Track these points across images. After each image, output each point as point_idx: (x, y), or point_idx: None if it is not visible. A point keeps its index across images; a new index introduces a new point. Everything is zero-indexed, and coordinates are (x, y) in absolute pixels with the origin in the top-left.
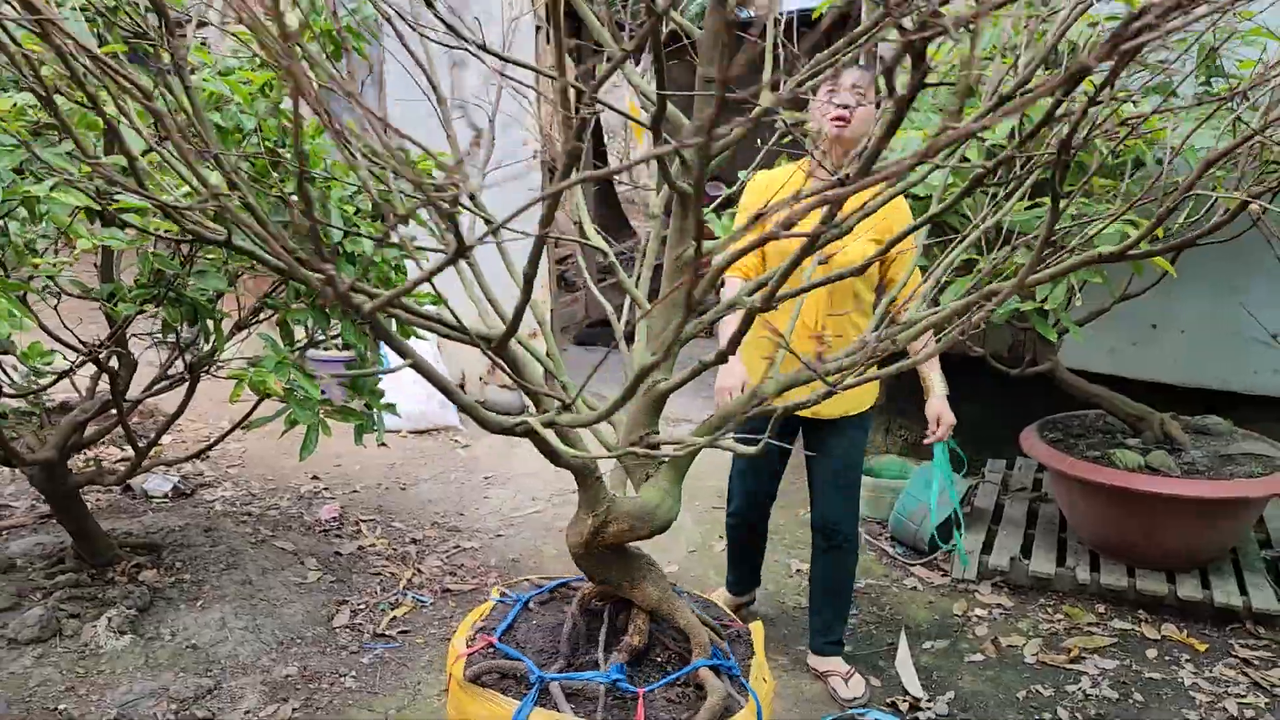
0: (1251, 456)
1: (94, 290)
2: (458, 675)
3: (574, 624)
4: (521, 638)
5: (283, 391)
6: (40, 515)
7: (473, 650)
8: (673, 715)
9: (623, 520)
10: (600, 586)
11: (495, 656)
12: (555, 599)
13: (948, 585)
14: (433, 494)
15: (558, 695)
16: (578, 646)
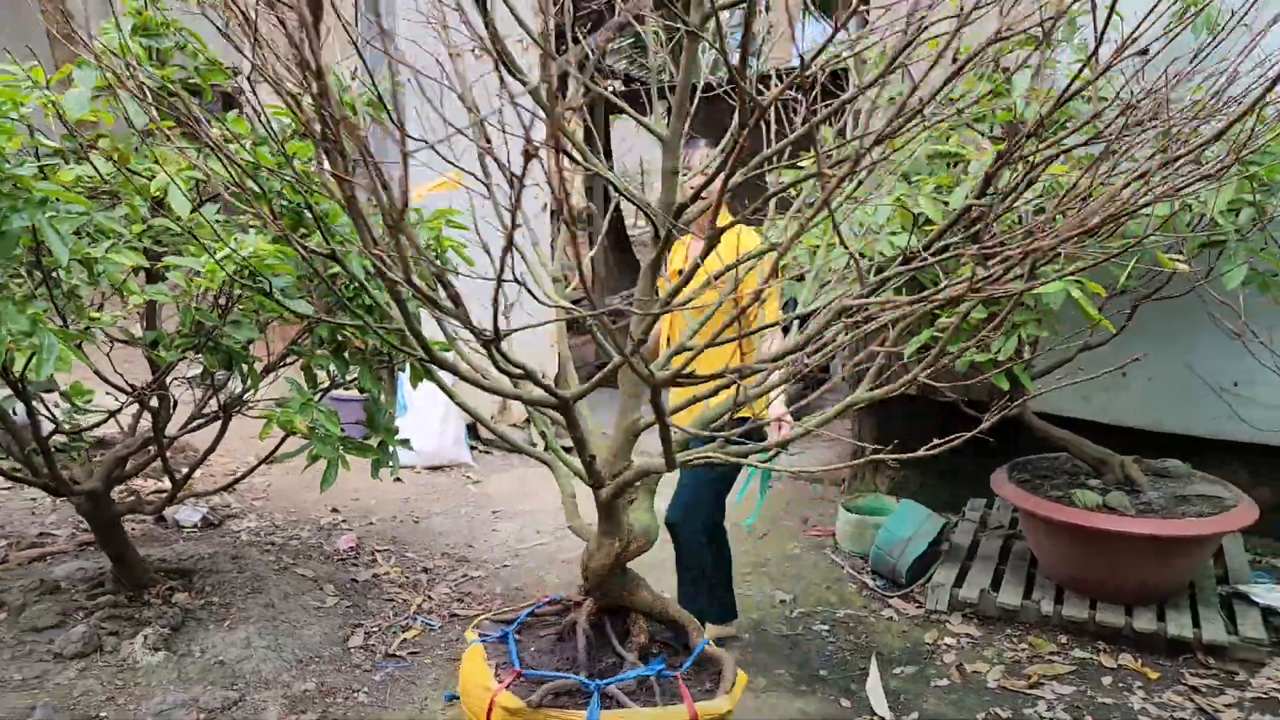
0: (1204, 498)
1: (139, 337)
2: (511, 705)
3: (587, 637)
4: (534, 661)
5: (307, 430)
6: (80, 542)
7: (506, 685)
8: (698, 686)
9: (638, 539)
10: (602, 601)
11: (526, 684)
12: (532, 624)
13: (921, 616)
14: (444, 526)
15: (619, 695)
16: (592, 654)
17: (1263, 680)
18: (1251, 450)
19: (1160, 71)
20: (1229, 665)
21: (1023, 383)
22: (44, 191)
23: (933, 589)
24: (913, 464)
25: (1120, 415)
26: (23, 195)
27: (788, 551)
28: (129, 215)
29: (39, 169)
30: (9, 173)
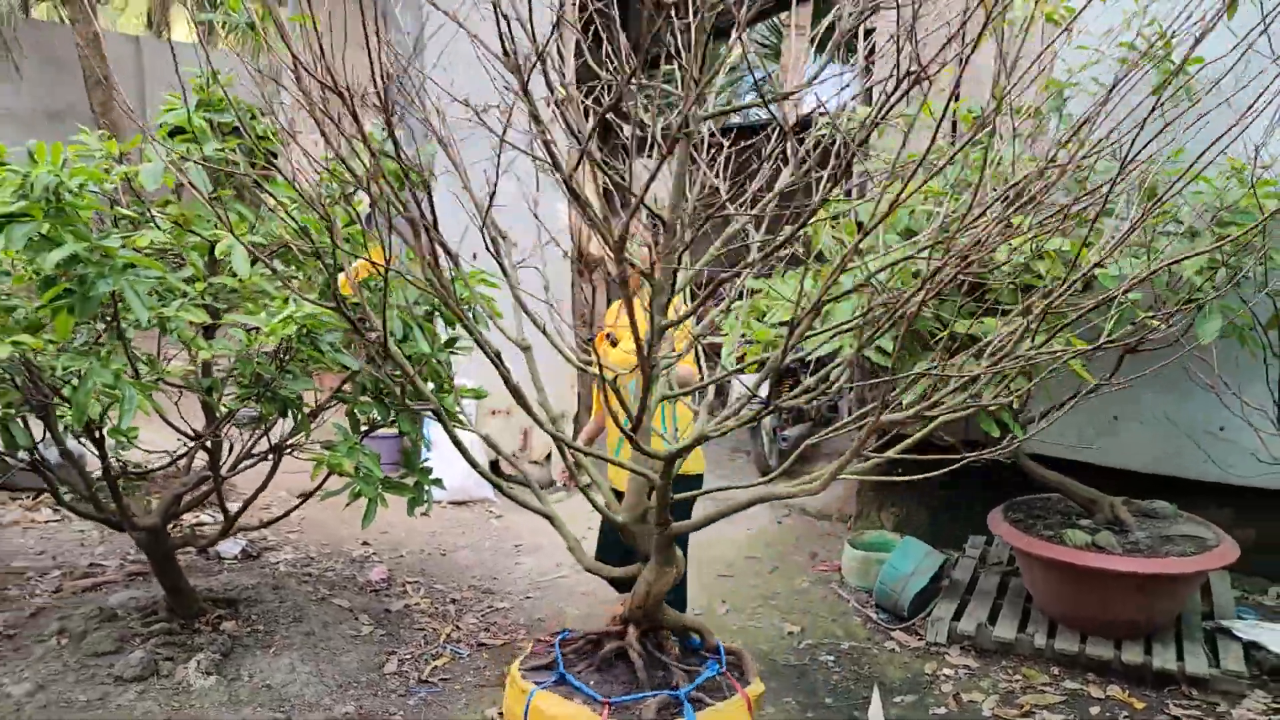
0: (1188, 538)
1: (199, 384)
2: None
3: (642, 658)
4: (604, 690)
5: (353, 471)
6: (129, 573)
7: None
8: (736, 676)
9: (680, 566)
10: (645, 624)
11: (621, 710)
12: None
13: (922, 648)
14: (469, 560)
15: (703, 697)
16: (649, 671)
17: (1242, 711)
18: (1238, 492)
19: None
20: (1211, 697)
21: (1012, 429)
22: (126, 259)
23: (933, 622)
24: (917, 502)
25: (1115, 458)
26: (108, 263)
27: (796, 586)
28: (194, 274)
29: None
30: (96, 243)
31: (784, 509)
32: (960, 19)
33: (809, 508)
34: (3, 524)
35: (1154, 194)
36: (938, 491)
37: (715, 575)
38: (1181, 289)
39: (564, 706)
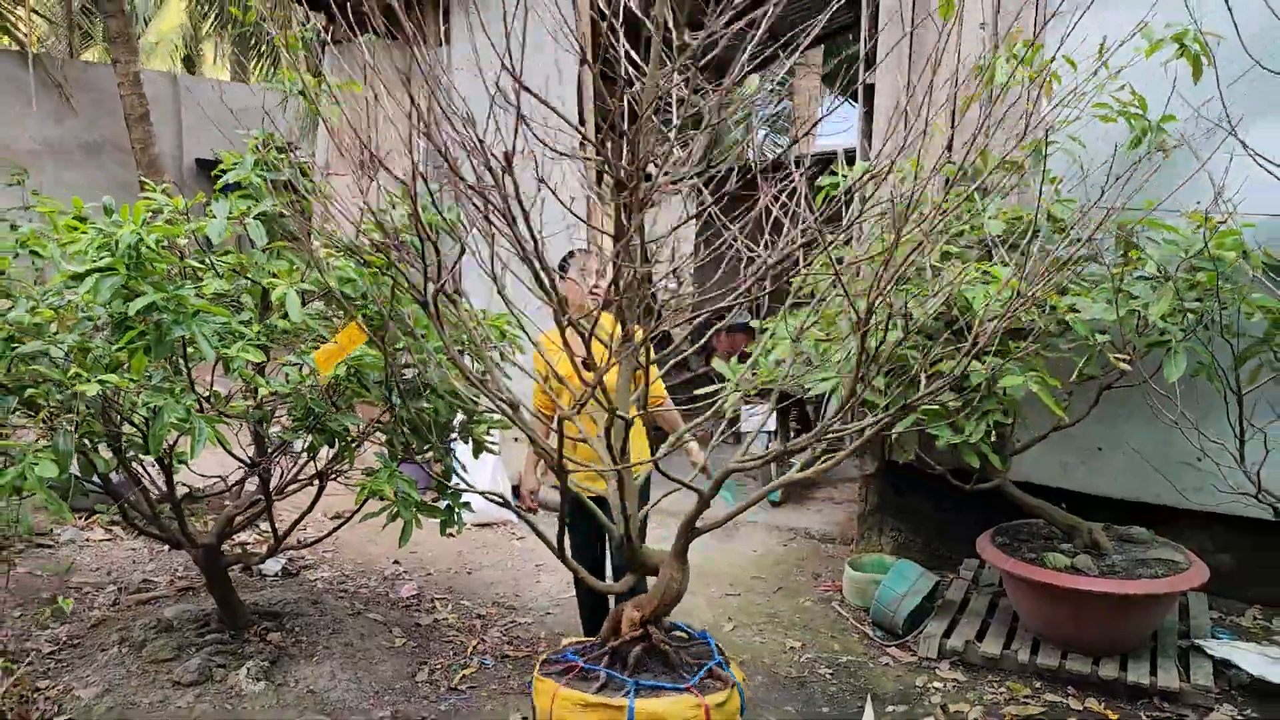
0: (1161, 561)
1: (253, 415)
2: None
3: (665, 655)
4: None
5: (393, 495)
6: (179, 588)
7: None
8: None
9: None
10: (643, 629)
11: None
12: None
13: (914, 663)
14: (493, 578)
15: (708, 678)
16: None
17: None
18: (1218, 520)
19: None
20: (1181, 709)
21: (992, 461)
22: (196, 306)
23: (924, 639)
24: (915, 528)
25: (1101, 487)
26: (182, 310)
27: (799, 604)
28: (250, 316)
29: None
30: (172, 293)
31: (790, 533)
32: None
33: (813, 531)
34: (60, 543)
35: (1129, 242)
36: (934, 517)
37: (722, 594)
38: (1150, 332)
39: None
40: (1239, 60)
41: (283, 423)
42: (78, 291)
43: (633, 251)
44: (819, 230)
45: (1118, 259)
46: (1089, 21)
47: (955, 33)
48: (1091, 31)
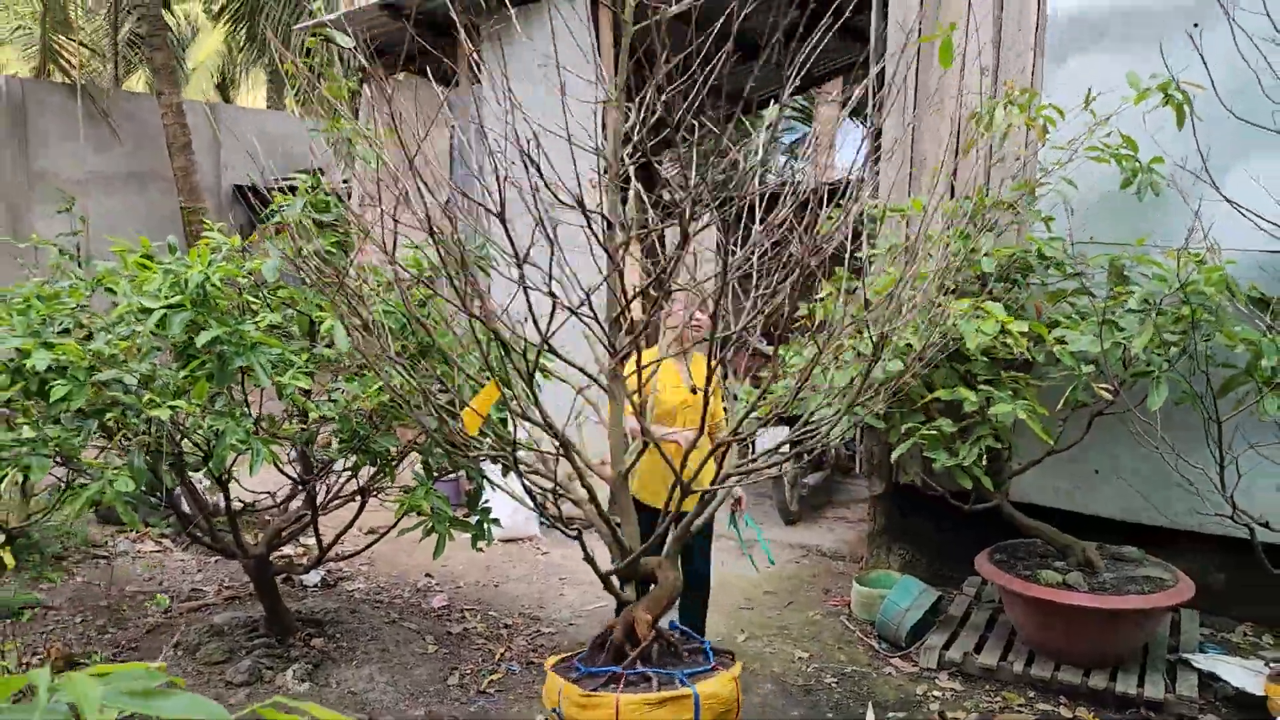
0: (1149, 579)
1: (301, 437)
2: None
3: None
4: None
5: (429, 510)
6: (226, 597)
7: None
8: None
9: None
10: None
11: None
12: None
13: (916, 673)
14: (519, 590)
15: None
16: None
17: None
18: (1210, 541)
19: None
20: (1166, 719)
21: (984, 483)
22: (255, 338)
23: (926, 650)
24: (920, 546)
25: (1098, 509)
26: (242, 343)
27: (809, 618)
28: (301, 346)
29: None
30: (235, 327)
31: (802, 550)
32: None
33: (825, 549)
34: (114, 554)
35: (1121, 275)
36: (937, 538)
37: (736, 607)
38: (1136, 363)
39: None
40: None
41: (328, 442)
42: (146, 324)
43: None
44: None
45: (1110, 292)
46: (1084, 71)
47: (958, 75)
48: (1088, 79)
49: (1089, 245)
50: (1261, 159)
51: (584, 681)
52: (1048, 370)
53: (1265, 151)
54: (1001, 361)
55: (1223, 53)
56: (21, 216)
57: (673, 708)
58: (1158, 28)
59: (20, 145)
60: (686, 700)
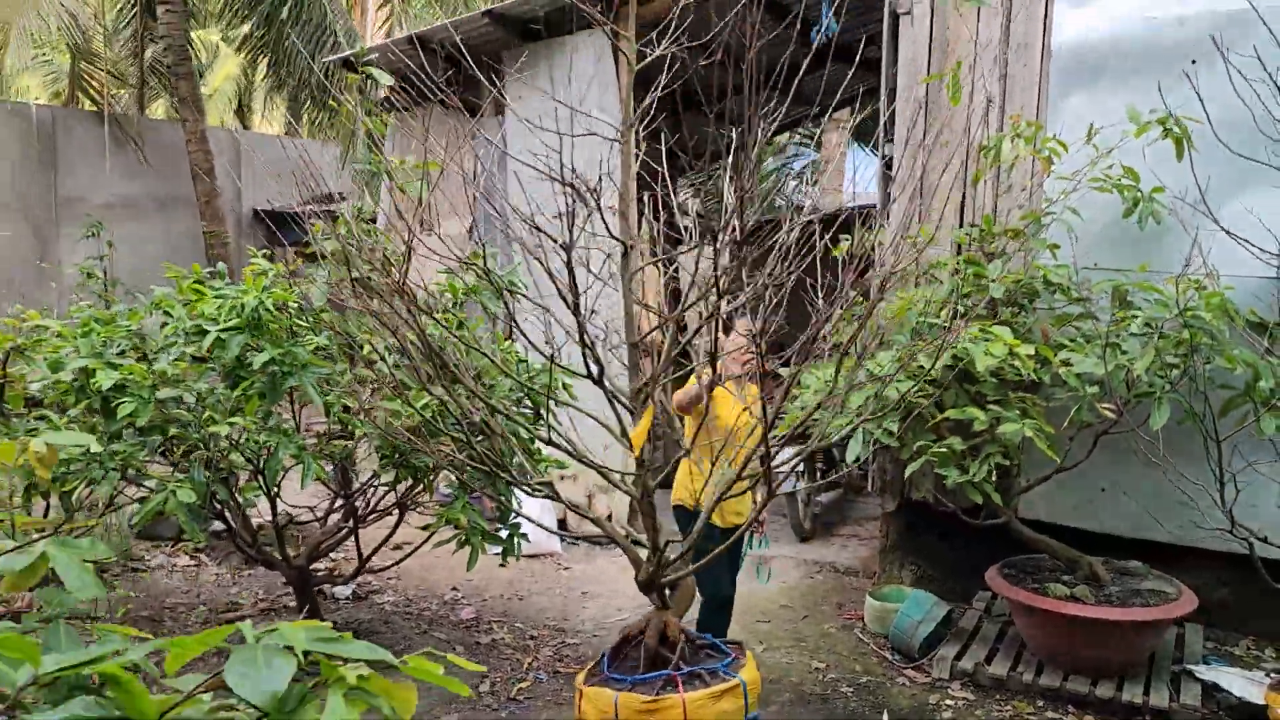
0: (1154, 592)
1: (341, 453)
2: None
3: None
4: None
5: (467, 525)
6: (262, 609)
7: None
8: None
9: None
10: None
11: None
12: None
13: (928, 683)
14: (543, 604)
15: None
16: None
17: None
18: (1216, 557)
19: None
20: None
21: (993, 498)
22: (305, 360)
23: (938, 661)
24: (933, 562)
25: (1107, 525)
26: (294, 364)
27: (824, 631)
28: (344, 370)
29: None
30: (288, 348)
31: (816, 566)
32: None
33: (839, 565)
34: (152, 567)
35: (1124, 300)
36: (949, 553)
37: (754, 620)
38: (1139, 384)
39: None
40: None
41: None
42: (201, 345)
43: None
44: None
45: (1114, 317)
46: (1087, 105)
47: (965, 108)
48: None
49: (1094, 271)
50: (1258, 190)
51: (639, 688)
52: (1054, 391)
53: (1261, 183)
54: (1010, 383)
55: (1220, 89)
56: (48, 240)
57: (729, 698)
58: (1158, 64)
59: (49, 171)
60: (738, 689)
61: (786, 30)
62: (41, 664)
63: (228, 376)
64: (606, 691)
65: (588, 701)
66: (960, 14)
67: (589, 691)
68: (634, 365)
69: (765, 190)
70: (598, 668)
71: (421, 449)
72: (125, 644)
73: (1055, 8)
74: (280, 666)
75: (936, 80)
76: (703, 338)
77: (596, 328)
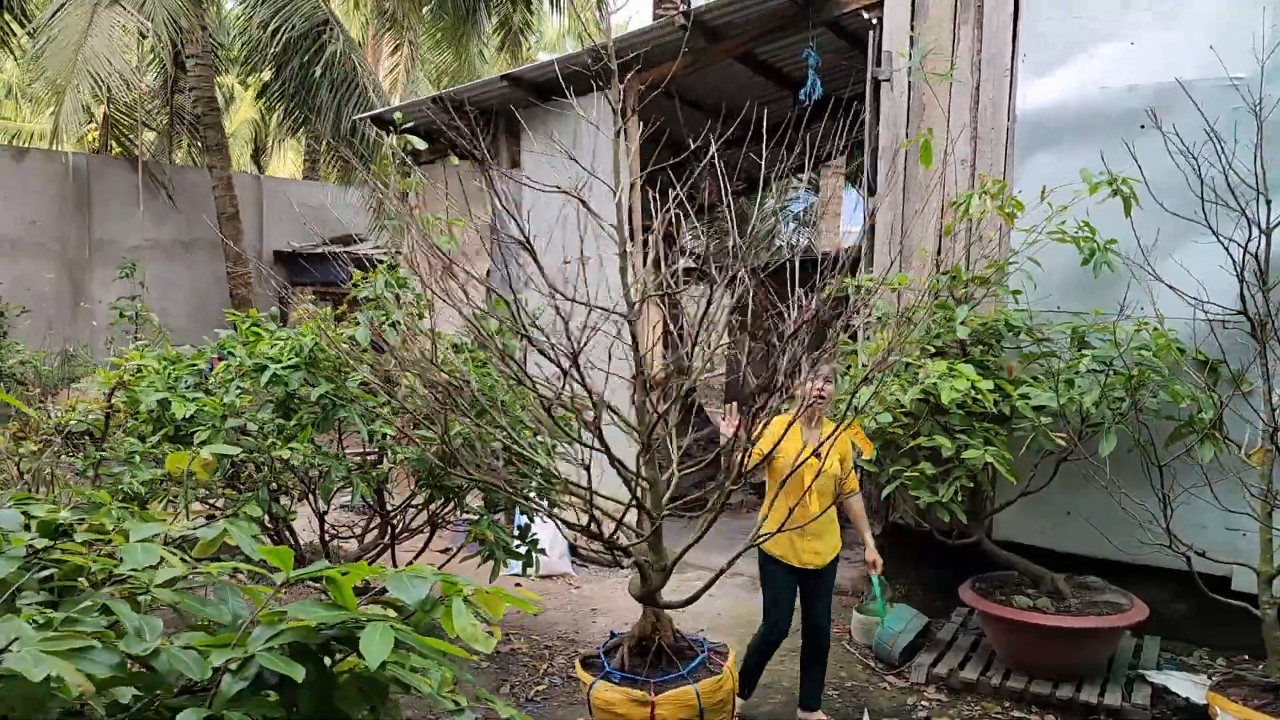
0: (1109, 604)
1: (379, 475)
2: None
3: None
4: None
5: (494, 540)
6: None
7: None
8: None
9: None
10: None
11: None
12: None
13: (907, 687)
14: (556, 618)
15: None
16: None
17: None
18: (1173, 575)
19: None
20: None
21: (959, 518)
22: (354, 393)
23: (916, 667)
24: (915, 580)
25: (1070, 546)
26: (344, 397)
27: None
28: (385, 401)
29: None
30: (340, 384)
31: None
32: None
33: None
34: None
35: (1083, 340)
36: (929, 573)
37: (749, 633)
38: (1091, 416)
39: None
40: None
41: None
42: (260, 380)
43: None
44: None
45: (1071, 356)
46: (1049, 164)
47: (940, 168)
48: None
49: (1055, 314)
50: (1200, 242)
51: (664, 685)
52: (1017, 423)
53: (1201, 236)
54: (977, 414)
55: (1161, 151)
56: (82, 281)
57: (727, 682)
58: (1112, 128)
59: (84, 215)
60: (729, 676)
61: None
62: (291, 569)
63: (279, 408)
64: (633, 690)
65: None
66: (932, 86)
67: (621, 690)
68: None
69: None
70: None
71: (454, 472)
72: (322, 567)
73: (1019, 77)
74: (421, 584)
75: (912, 145)
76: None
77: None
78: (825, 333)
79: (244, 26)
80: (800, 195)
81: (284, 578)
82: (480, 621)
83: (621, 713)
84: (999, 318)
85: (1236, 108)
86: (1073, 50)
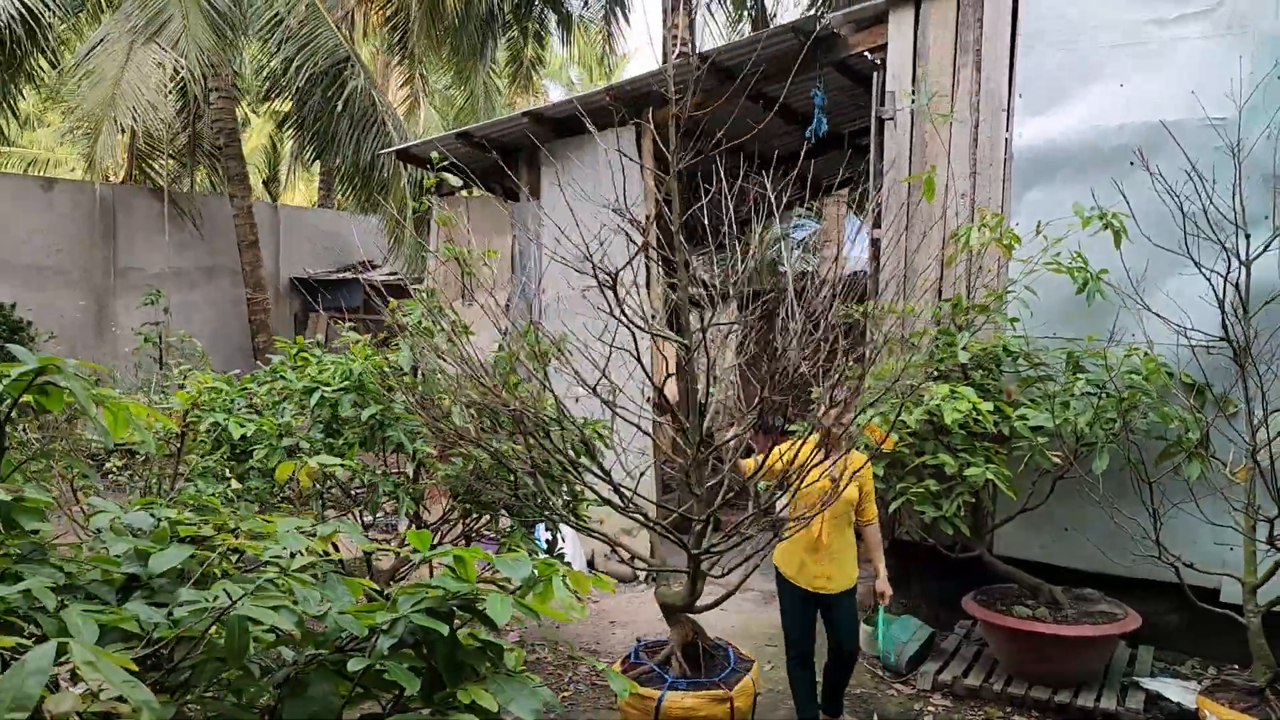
0: (1104, 614)
1: (416, 491)
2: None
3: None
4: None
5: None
6: None
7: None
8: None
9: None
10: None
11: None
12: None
13: (913, 693)
14: (578, 630)
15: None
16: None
17: None
18: (1167, 588)
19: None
20: None
21: (963, 531)
22: (399, 414)
23: (922, 675)
24: (920, 594)
25: (1069, 560)
26: (391, 417)
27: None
28: (424, 422)
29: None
30: (387, 404)
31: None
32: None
33: None
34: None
35: (1077, 366)
36: (934, 587)
37: (762, 644)
38: (1085, 436)
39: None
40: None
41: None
42: (310, 402)
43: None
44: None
45: (1066, 380)
46: (1044, 197)
47: (941, 201)
48: (1047, 205)
49: (1051, 340)
50: (1184, 273)
51: (697, 689)
52: (1016, 442)
53: (1186, 267)
54: (979, 434)
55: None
56: (107, 307)
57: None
58: (1104, 163)
59: (109, 244)
60: (752, 678)
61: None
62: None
63: (326, 428)
64: (682, 693)
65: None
66: (934, 124)
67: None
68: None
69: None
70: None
71: (488, 489)
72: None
73: (1016, 116)
74: (525, 564)
75: (915, 180)
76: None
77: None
78: (836, 356)
79: (265, 61)
80: (804, 223)
81: (422, 556)
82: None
83: (704, 714)
84: (998, 343)
85: (1218, 146)
86: (1066, 91)
